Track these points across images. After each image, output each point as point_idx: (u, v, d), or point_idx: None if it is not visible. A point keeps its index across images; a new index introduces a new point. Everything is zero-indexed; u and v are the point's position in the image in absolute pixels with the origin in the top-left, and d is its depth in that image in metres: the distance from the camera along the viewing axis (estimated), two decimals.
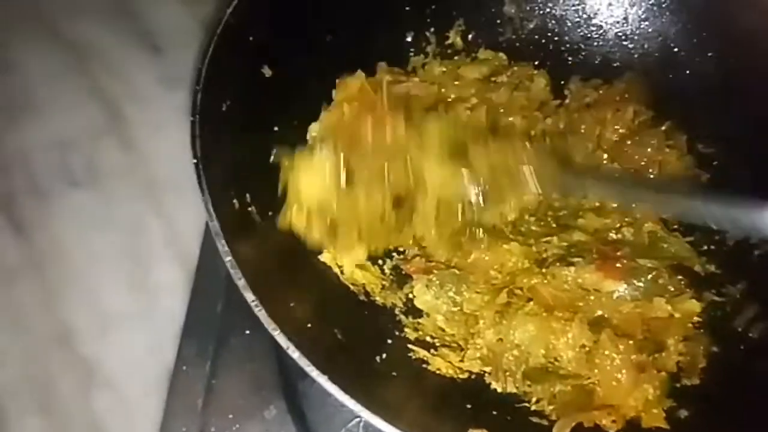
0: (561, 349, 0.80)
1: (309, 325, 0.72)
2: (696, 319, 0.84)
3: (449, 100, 0.96)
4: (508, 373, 0.80)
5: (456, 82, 0.99)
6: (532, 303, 0.82)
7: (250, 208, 0.78)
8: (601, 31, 1.05)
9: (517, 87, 0.99)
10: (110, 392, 0.98)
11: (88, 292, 1.06)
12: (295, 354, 0.63)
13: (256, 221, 0.78)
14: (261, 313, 0.64)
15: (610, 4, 1.04)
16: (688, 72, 1.00)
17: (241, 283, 0.65)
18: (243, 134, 0.80)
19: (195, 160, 0.71)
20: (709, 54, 0.98)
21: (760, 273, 0.86)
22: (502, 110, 0.95)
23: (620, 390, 0.78)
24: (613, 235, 0.89)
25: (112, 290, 1.06)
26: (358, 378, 0.67)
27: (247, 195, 0.78)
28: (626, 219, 0.90)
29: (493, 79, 1.01)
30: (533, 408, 0.79)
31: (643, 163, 0.95)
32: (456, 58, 1.05)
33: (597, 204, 0.91)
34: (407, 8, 1.01)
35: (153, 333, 1.02)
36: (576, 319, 0.81)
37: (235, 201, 0.76)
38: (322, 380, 0.62)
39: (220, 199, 0.72)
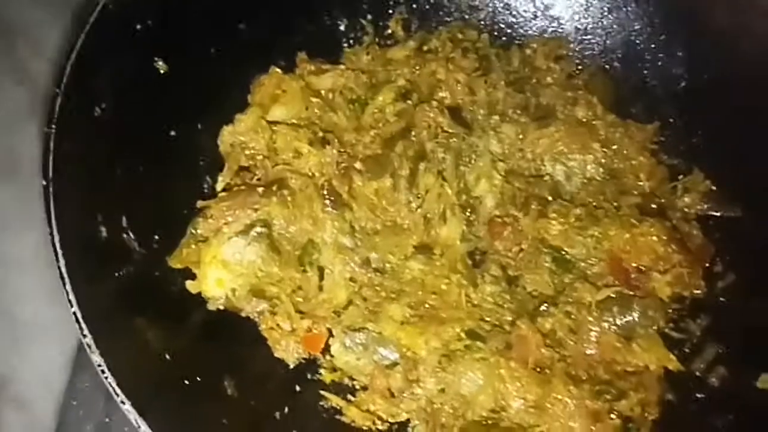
0: (510, 397, 0.65)
1: (186, 382, 0.54)
2: None
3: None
4: (444, 428, 0.65)
5: (388, 67, 0.81)
6: (481, 344, 0.67)
7: (125, 235, 0.60)
8: (559, 24, 0.86)
9: (452, 50, 0.82)
10: (20, 411, 0.82)
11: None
12: None
13: (132, 250, 0.60)
14: (108, 381, 0.46)
15: None
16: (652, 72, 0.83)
17: (86, 340, 0.47)
18: (124, 144, 0.62)
19: (44, 182, 0.52)
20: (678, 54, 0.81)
21: (724, 307, 0.69)
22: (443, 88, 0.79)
23: None
24: None
25: (27, 298, 0.89)
26: None
27: (123, 219, 0.60)
28: None
29: (424, 48, 0.83)
30: None
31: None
32: None
33: None
34: None
35: (71, 345, 0.84)
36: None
37: (102, 228, 0.58)
38: None
39: (79, 227, 0.54)
